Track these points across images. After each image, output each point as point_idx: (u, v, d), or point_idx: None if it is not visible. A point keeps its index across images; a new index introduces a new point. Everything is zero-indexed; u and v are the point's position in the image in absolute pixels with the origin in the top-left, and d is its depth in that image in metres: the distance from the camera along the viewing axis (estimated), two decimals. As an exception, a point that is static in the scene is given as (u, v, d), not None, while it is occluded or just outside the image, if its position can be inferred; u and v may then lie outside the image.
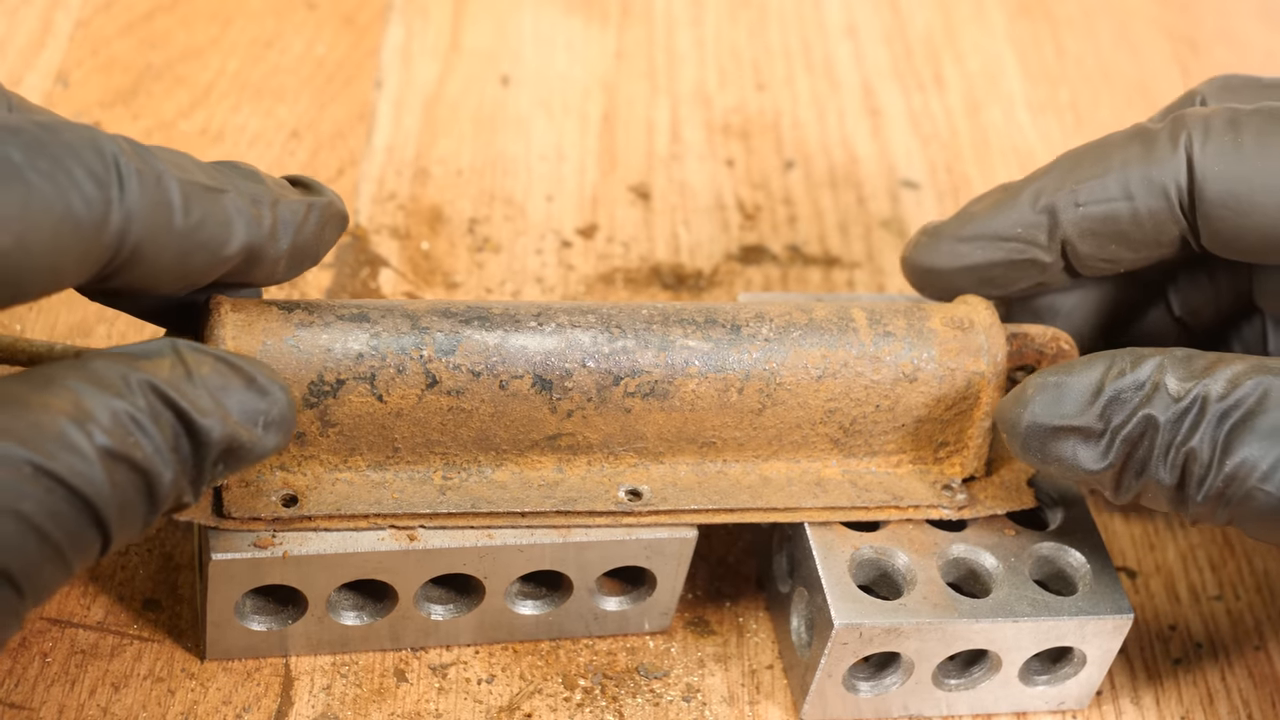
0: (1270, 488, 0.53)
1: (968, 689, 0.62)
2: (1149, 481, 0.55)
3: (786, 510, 0.60)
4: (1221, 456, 0.54)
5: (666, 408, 0.59)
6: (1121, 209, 0.60)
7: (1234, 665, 0.66)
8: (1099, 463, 0.56)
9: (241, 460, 0.51)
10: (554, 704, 0.61)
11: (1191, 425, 0.54)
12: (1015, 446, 0.58)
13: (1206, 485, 0.54)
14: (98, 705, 0.58)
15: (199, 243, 0.52)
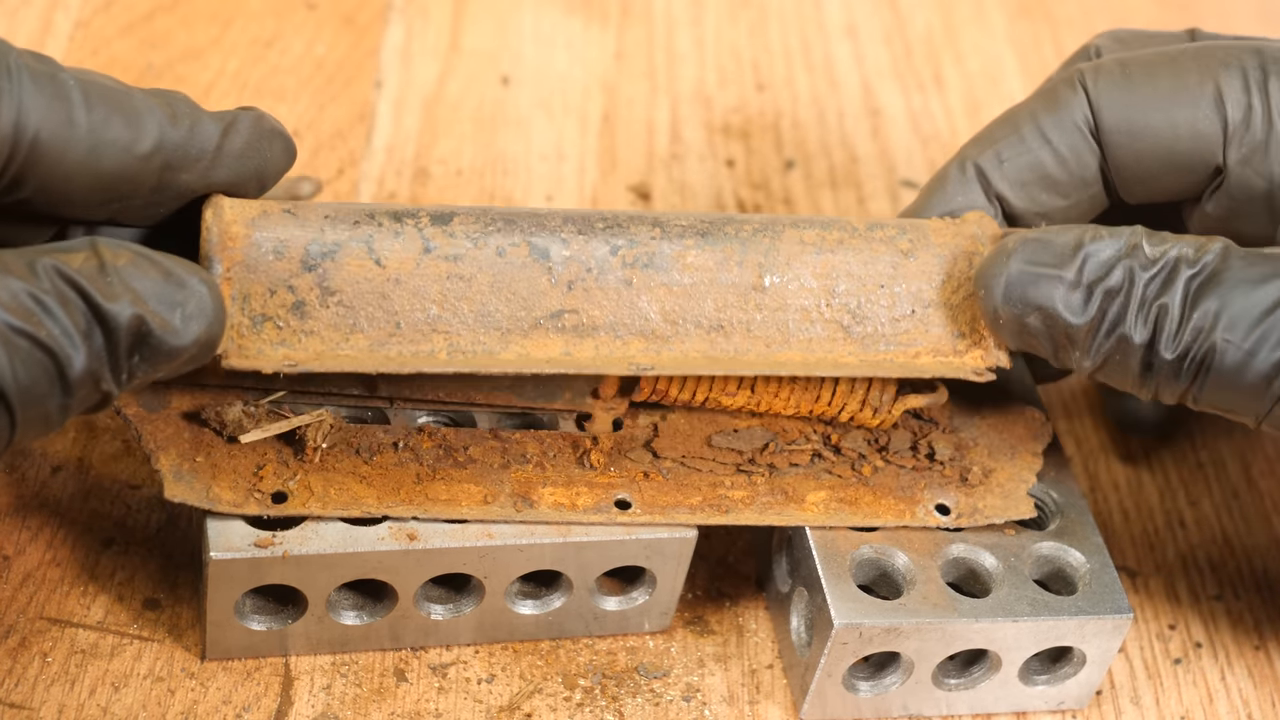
0: (1231, 337, 0.55)
1: (967, 689, 0.62)
2: (1121, 339, 0.57)
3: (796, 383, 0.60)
4: (1190, 309, 0.56)
5: (668, 281, 0.59)
6: (1044, 155, 0.62)
7: (1234, 665, 0.66)
8: (1079, 315, 0.57)
9: (162, 352, 0.51)
10: (554, 704, 0.61)
11: (1164, 282, 0.56)
12: (996, 296, 0.58)
13: (1176, 339, 0.56)
14: (98, 705, 0.58)
15: (106, 140, 0.52)
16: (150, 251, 0.51)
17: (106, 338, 0.50)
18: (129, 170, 0.53)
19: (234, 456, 0.58)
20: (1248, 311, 0.56)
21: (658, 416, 0.63)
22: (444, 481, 0.59)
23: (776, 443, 0.62)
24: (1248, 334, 0.56)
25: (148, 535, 0.63)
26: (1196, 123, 0.61)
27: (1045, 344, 0.59)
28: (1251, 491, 0.73)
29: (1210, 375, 0.56)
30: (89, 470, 0.64)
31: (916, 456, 0.63)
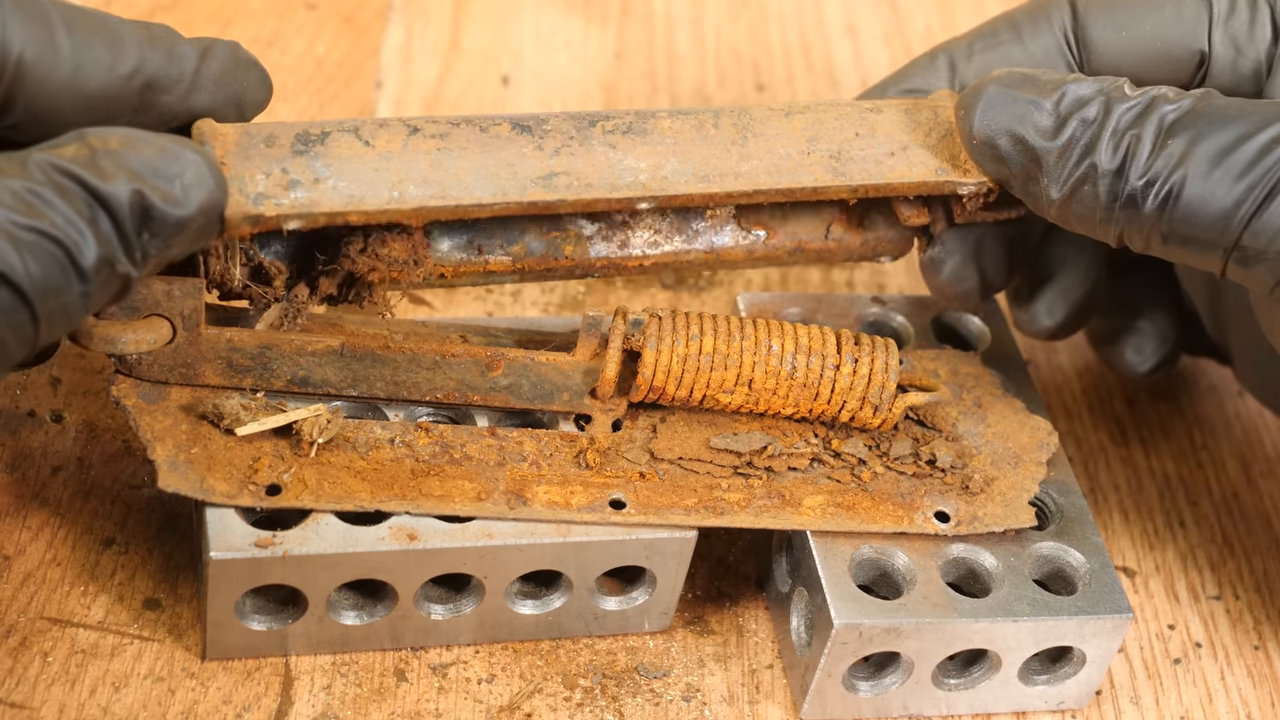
0: (1201, 165, 0.56)
1: (967, 688, 0.62)
2: (1090, 166, 0.57)
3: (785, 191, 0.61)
4: (1163, 140, 0.56)
5: (650, 142, 0.60)
6: (1014, 51, 0.63)
7: (1233, 665, 0.66)
8: (1050, 138, 0.58)
9: (169, 224, 0.51)
10: (554, 703, 0.61)
11: (1140, 115, 0.57)
12: (974, 115, 0.59)
13: (1144, 166, 0.56)
14: (98, 705, 0.58)
15: (88, 60, 0.53)
16: (139, 131, 0.52)
17: (112, 219, 0.50)
18: (111, 90, 0.54)
19: (230, 449, 0.58)
20: (1221, 143, 0.56)
21: (657, 418, 0.63)
22: (438, 478, 0.59)
23: (775, 446, 0.62)
24: (1217, 162, 0.56)
25: (148, 535, 0.63)
26: (1182, 5, 0.62)
27: (1016, 170, 0.59)
28: (1251, 491, 0.73)
29: (1178, 205, 0.56)
30: (89, 470, 0.65)
31: (918, 463, 0.63)
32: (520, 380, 0.61)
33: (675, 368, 0.61)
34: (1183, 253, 0.58)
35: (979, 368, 0.67)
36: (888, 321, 0.70)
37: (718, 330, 0.61)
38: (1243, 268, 0.57)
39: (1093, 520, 0.63)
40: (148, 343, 0.58)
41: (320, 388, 0.61)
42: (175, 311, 0.58)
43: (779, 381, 0.62)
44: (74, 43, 0.53)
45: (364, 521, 0.58)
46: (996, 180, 0.61)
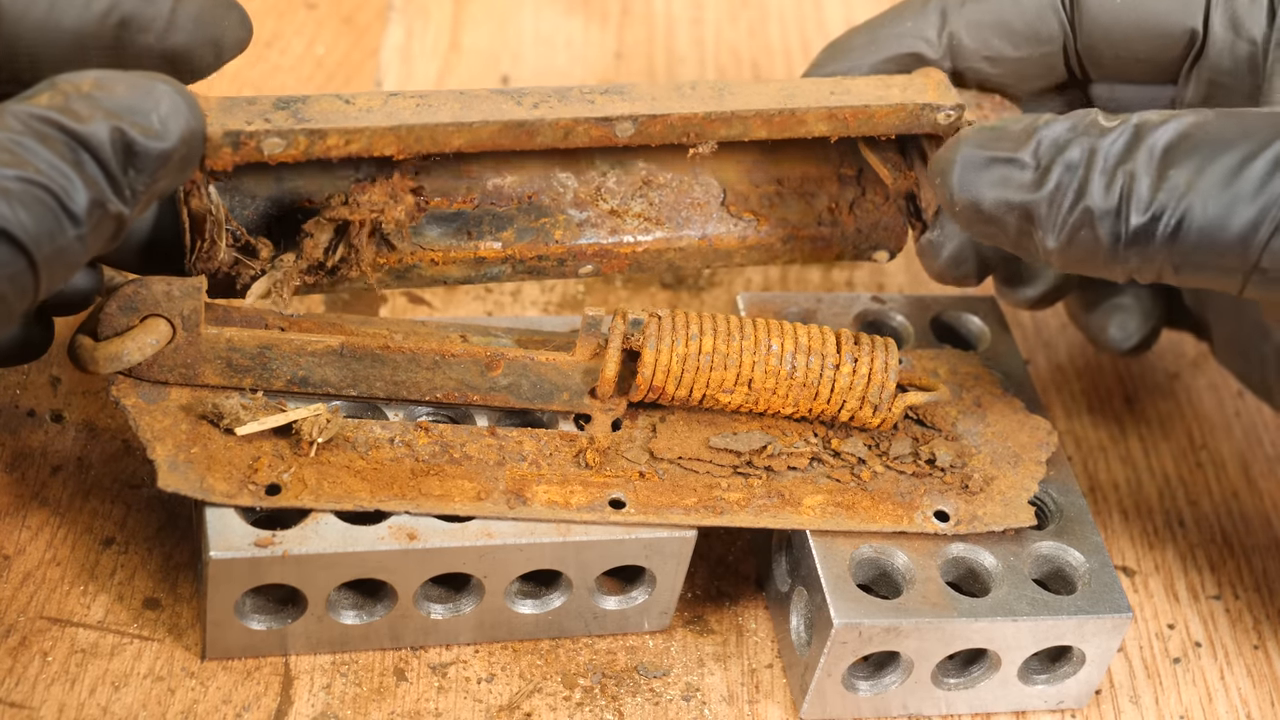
0: (1208, 191, 0.54)
1: (967, 688, 0.62)
2: (1085, 211, 0.55)
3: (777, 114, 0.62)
4: (1161, 170, 0.54)
5: (627, 98, 0.61)
6: (1005, 2, 0.63)
7: (1233, 664, 0.66)
8: (1035, 190, 0.56)
9: (152, 157, 0.52)
10: (554, 703, 0.61)
11: (1129, 146, 0.55)
12: (952, 183, 0.57)
13: (1147, 200, 0.54)
14: (98, 704, 0.58)
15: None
16: (110, 71, 0.53)
17: (96, 160, 0.51)
18: (87, 28, 0.55)
19: (230, 449, 0.58)
20: (1227, 166, 0.54)
21: (657, 418, 0.63)
22: (438, 477, 0.59)
23: (775, 445, 0.62)
24: (1226, 185, 0.54)
25: (148, 535, 0.63)
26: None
27: (1006, 228, 0.57)
28: (1251, 491, 0.73)
29: (1190, 235, 0.54)
30: (89, 470, 0.65)
31: (917, 462, 0.63)
32: (520, 380, 0.61)
33: (675, 367, 0.61)
34: (1198, 279, 0.56)
35: (979, 367, 0.67)
36: (888, 321, 0.70)
37: (717, 330, 0.61)
38: (1264, 290, 0.55)
39: (1092, 520, 0.63)
40: (150, 347, 0.58)
41: (320, 388, 0.61)
42: (175, 312, 0.58)
43: (779, 381, 0.62)
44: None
45: (364, 521, 0.58)
46: (984, 240, 0.59)
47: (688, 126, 0.61)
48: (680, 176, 0.67)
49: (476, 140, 0.59)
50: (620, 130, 0.61)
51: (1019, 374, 0.68)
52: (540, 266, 0.64)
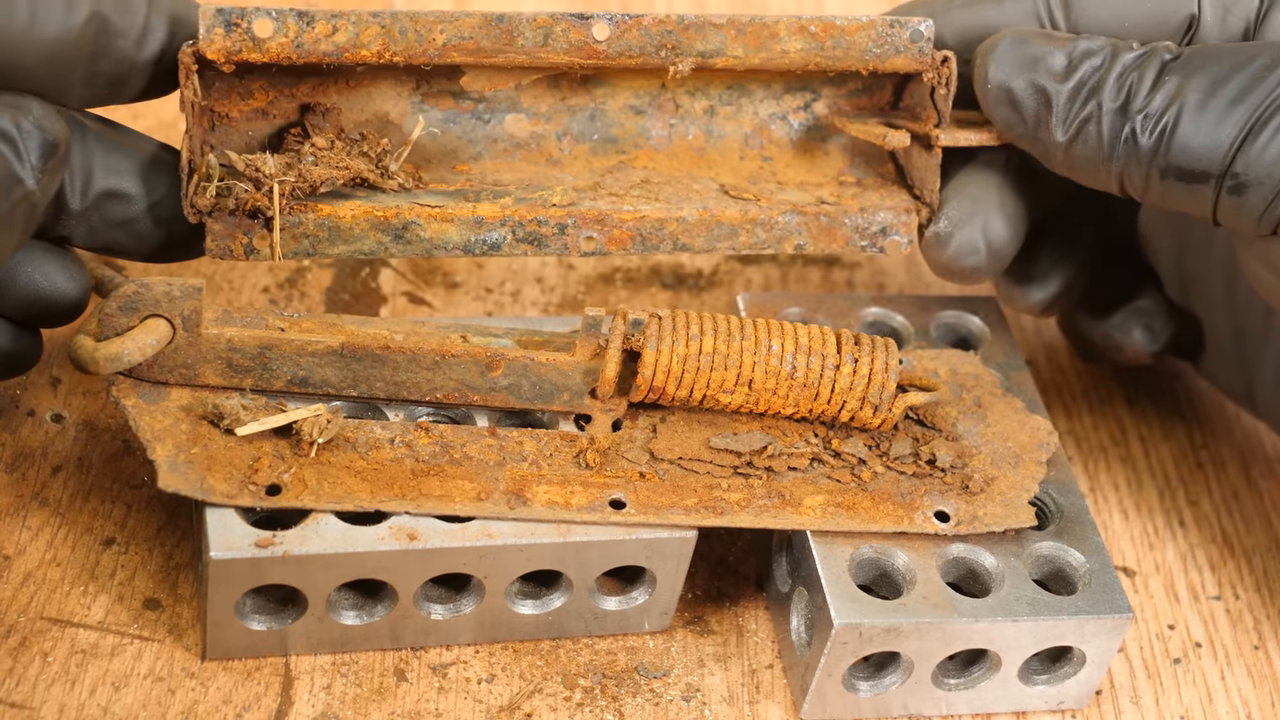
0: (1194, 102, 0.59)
1: (967, 688, 0.62)
2: (1096, 105, 0.60)
3: None
4: (1159, 78, 0.60)
5: None
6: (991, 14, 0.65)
7: (1233, 664, 0.66)
8: (1061, 80, 0.61)
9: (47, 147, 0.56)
10: (554, 703, 0.61)
11: (1141, 61, 0.61)
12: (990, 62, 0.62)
13: (1143, 102, 0.59)
14: (98, 705, 0.58)
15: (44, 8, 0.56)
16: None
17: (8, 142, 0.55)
18: (68, 38, 0.57)
19: (230, 449, 0.58)
20: (1214, 75, 0.59)
21: (657, 418, 0.63)
22: (438, 477, 0.59)
23: (775, 446, 0.62)
24: (1211, 93, 0.58)
25: (148, 535, 0.63)
26: None
27: (1028, 114, 0.62)
28: (1251, 491, 0.73)
29: (1174, 138, 0.59)
30: (89, 470, 0.65)
31: (918, 463, 0.63)
32: (520, 380, 0.61)
33: (675, 368, 0.61)
34: (1179, 189, 0.60)
35: (979, 368, 0.67)
36: (888, 321, 0.70)
37: (718, 330, 0.61)
38: (1235, 197, 0.58)
39: (1093, 520, 0.63)
40: (151, 347, 0.58)
41: (320, 388, 0.61)
42: (175, 312, 0.59)
43: (779, 381, 0.62)
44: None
45: (364, 521, 0.58)
46: (1008, 130, 0.63)
47: (663, 35, 0.63)
48: (677, 177, 0.67)
49: (459, 34, 0.61)
50: (597, 33, 0.62)
51: (1019, 374, 0.68)
52: (539, 234, 0.64)
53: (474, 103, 0.66)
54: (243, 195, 0.61)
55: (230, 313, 0.61)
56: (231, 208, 0.61)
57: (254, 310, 0.62)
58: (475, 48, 0.62)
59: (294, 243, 0.62)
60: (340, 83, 0.64)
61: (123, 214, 0.61)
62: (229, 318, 0.61)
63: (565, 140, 0.67)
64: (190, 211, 0.61)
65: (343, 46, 0.60)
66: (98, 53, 0.58)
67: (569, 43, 0.62)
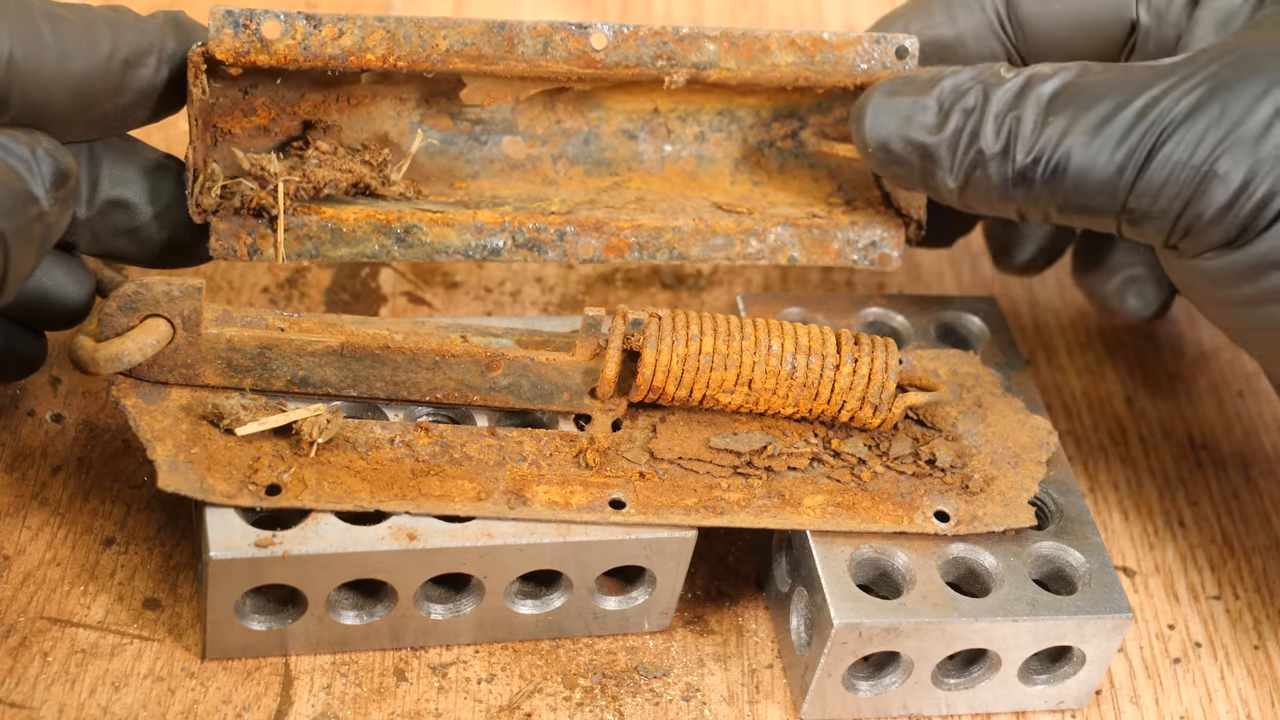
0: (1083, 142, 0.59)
1: (967, 688, 0.62)
2: (979, 152, 0.60)
3: None
4: (1044, 116, 0.59)
5: None
6: (945, 31, 0.66)
7: (1233, 664, 0.66)
8: (936, 133, 0.61)
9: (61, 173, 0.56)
10: (554, 703, 0.61)
11: (1018, 94, 0.60)
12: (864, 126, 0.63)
13: (1029, 144, 0.59)
14: (98, 705, 0.58)
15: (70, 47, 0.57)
16: None
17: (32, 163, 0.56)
18: (95, 71, 0.57)
19: (230, 449, 0.58)
20: (1100, 114, 0.59)
21: (657, 418, 0.63)
22: (438, 477, 0.59)
23: (775, 446, 0.62)
24: (1098, 131, 0.59)
25: (148, 535, 0.63)
26: None
27: (912, 168, 0.62)
28: (1251, 491, 0.73)
29: (1067, 177, 0.59)
30: (89, 470, 0.65)
31: (918, 463, 0.63)
32: (520, 380, 0.61)
33: (675, 368, 0.61)
34: (1080, 220, 0.61)
35: (979, 368, 0.67)
36: (888, 321, 0.70)
37: (718, 330, 0.61)
38: (1135, 228, 0.60)
39: (1093, 520, 0.63)
40: (151, 347, 0.58)
41: (320, 388, 0.61)
42: (175, 312, 0.59)
43: (779, 381, 0.62)
44: (56, 32, 0.56)
45: (364, 521, 0.58)
46: (898, 182, 0.64)
47: (659, 45, 0.64)
48: (670, 196, 0.67)
49: (461, 40, 0.62)
50: (595, 42, 0.63)
51: (1019, 374, 0.68)
52: (539, 240, 0.64)
53: (471, 124, 0.67)
54: (248, 193, 0.61)
55: (230, 313, 0.61)
56: (236, 206, 0.62)
57: (254, 310, 0.62)
58: (477, 54, 0.62)
59: (297, 244, 0.62)
60: (341, 100, 0.65)
61: (128, 222, 0.61)
62: (229, 318, 0.61)
63: (560, 162, 0.68)
64: (195, 211, 0.61)
65: (348, 50, 0.61)
66: (124, 85, 0.58)
67: (568, 51, 0.63)
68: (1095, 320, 0.79)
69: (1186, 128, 0.58)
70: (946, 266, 0.80)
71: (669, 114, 0.68)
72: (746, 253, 0.67)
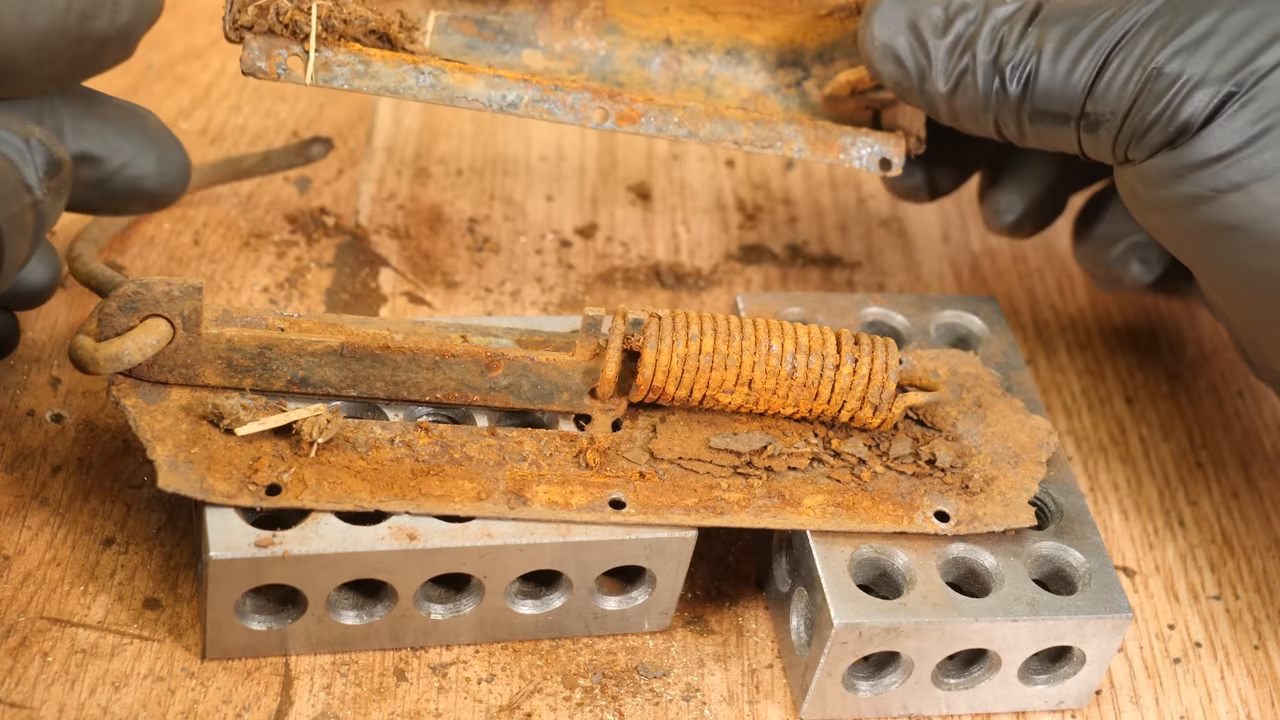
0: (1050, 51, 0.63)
1: (967, 688, 0.62)
2: (971, 59, 0.64)
3: None
4: (1024, 31, 0.64)
5: None
6: None
7: (1233, 664, 0.66)
8: (939, 35, 0.65)
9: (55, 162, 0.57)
10: (554, 703, 0.61)
11: (1013, 14, 0.65)
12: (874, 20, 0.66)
13: (1010, 54, 0.64)
14: (98, 705, 0.58)
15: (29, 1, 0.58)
16: None
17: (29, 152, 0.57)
18: (55, 26, 0.58)
19: (230, 449, 0.58)
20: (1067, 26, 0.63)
21: (657, 418, 0.63)
22: (438, 477, 0.59)
23: (775, 446, 0.62)
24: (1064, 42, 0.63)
25: (148, 535, 0.63)
26: None
27: (912, 68, 0.66)
28: (1251, 491, 0.73)
29: (1036, 85, 0.63)
30: (89, 470, 0.65)
31: (917, 463, 0.63)
32: (520, 380, 0.61)
33: (675, 368, 0.61)
34: (1047, 131, 0.64)
35: (979, 368, 0.67)
36: (888, 321, 0.70)
37: (718, 330, 0.61)
38: (1090, 134, 0.63)
39: (1093, 520, 0.63)
40: (151, 347, 0.58)
41: (320, 388, 0.61)
42: (175, 312, 0.59)
43: (779, 381, 0.62)
44: None
45: (364, 521, 0.58)
46: (895, 86, 0.67)
47: None
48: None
49: None
50: None
51: (1019, 374, 0.68)
52: (555, 99, 0.66)
53: (494, 34, 0.70)
54: (284, 6, 0.64)
55: (230, 312, 0.61)
56: (270, 25, 0.64)
57: (254, 310, 0.62)
58: None
59: (325, 70, 0.65)
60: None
61: (93, 175, 0.62)
62: (229, 317, 0.61)
63: (578, 77, 0.70)
64: (232, 29, 0.64)
65: None
66: (82, 37, 0.59)
67: None
68: (1095, 320, 0.79)
69: (1138, 35, 0.62)
70: (946, 267, 0.80)
71: (680, 46, 0.71)
72: (752, 138, 0.69)
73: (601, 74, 0.71)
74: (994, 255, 0.81)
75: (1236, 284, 0.62)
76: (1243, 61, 0.60)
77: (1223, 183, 0.60)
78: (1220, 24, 0.60)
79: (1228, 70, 0.60)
